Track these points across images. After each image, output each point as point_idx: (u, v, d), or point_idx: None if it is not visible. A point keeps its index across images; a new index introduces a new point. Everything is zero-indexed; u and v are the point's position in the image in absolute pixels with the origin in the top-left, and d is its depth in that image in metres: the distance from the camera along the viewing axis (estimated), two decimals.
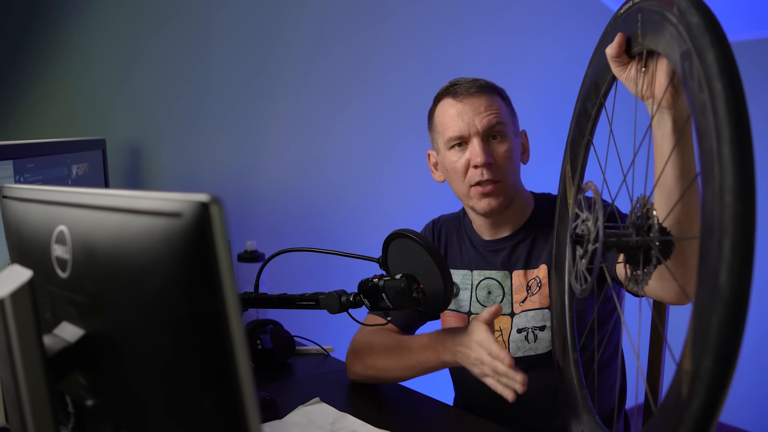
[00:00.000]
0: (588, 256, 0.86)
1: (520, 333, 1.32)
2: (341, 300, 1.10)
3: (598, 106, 1.05)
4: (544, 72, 2.76)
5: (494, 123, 1.29)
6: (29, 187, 0.76)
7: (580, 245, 0.89)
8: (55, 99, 1.75)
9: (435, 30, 2.43)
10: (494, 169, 1.29)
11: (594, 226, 0.85)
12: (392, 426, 1.16)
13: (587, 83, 1.07)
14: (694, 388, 0.64)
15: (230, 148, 2.04)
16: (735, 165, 0.62)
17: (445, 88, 1.36)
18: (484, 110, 1.29)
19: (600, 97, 1.04)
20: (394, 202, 2.37)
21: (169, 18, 1.88)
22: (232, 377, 0.49)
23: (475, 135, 1.29)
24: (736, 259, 0.61)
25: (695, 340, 0.65)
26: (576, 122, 1.12)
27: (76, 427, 0.71)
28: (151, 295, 0.55)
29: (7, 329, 0.58)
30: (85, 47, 1.77)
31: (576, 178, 1.12)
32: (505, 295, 1.35)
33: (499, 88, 1.36)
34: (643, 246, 0.81)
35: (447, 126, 1.32)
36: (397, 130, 2.36)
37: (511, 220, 1.37)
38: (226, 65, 2.00)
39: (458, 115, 1.30)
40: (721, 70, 0.66)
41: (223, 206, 0.49)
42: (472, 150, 1.29)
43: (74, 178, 1.44)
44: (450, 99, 1.33)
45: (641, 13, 0.86)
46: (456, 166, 1.32)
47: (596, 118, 1.07)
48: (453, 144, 1.32)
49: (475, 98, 1.30)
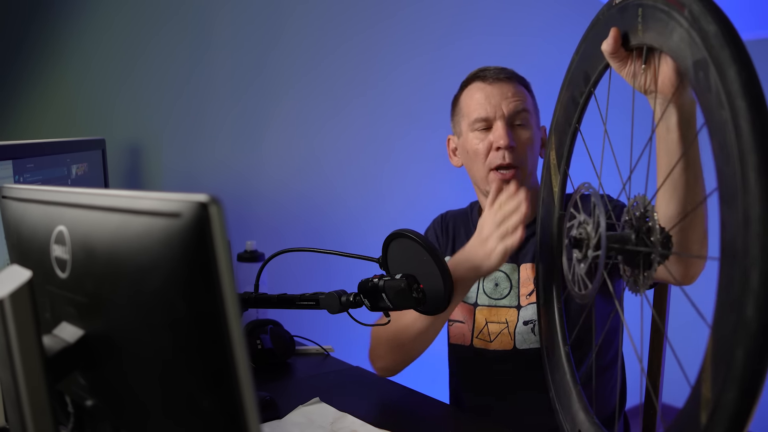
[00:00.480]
0: (588, 262, 0.86)
1: (527, 325, 1.33)
2: (341, 300, 1.10)
3: (587, 94, 1.03)
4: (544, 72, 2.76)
5: (520, 109, 1.32)
6: (29, 187, 0.76)
7: (579, 249, 0.88)
8: (55, 99, 1.75)
9: (436, 30, 2.42)
10: (515, 153, 1.31)
11: (595, 232, 0.84)
12: (392, 426, 1.16)
13: (574, 71, 1.05)
14: (716, 417, 0.63)
15: (230, 148, 2.04)
16: (763, 194, 0.61)
17: (473, 74, 1.38)
18: (512, 96, 1.32)
19: (590, 86, 1.02)
20: (395, 202, 2.36)
21: (169, 18, 1.88)
22: (231, 377, 0.49)
23: (500, 118, 1.31)
24: (764, 291, 0.60)
25: (716, 369, 0.64)
26: (562, 108, 1.10)
27: (76, 427, 0.71)
28: (150, 295, 0.55)
29: (6, 329, 0.58)
30: (85, 47, 1.77)
31: (562, 165, 1.12)
32: (512, 287, 1.35)
33: (526, 81, 1.39)
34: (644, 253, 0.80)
35: (473, 108, 1.34)
36: (397, 130, 2.36)
37: None
38: (225, 65, 2.00)
39: (485, 98, 1.32)
40: (744, 88, 0.64)
41: (223, 206, 0.49)
42: (496, 132, 1.30)
43: (74, 178, 1.44)
44: (479, 82, 1.35)
45: (642, 8, 0.84)
46: (478, 148, 1.33)
47: (584, 106, 1.05)
48: (477, 126, 1.33)
49: (503, 84, 1.33)
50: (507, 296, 1.36)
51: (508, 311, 1.35)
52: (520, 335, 1.33)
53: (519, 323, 1.34)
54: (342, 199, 2.27)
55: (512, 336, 1.34)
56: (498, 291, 1.37)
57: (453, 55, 2.47)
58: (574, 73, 1.06)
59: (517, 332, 1.34)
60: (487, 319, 1.37)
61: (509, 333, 1.34)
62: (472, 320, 1.39)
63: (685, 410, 0.69)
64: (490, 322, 1.37)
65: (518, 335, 1.34)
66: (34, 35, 1.70)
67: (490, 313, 1.37)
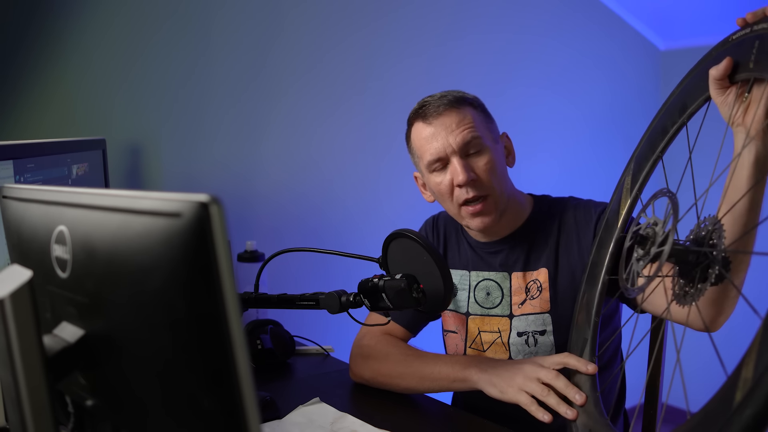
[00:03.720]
0: (649, 258, 0.86)
1: (521, 336, 1.32)
2: (341, 300, 1.10)
3: (679, 125, 1.05)
4: (544, 71, 2.76)
5: (469, 139, 1.26)
6: (29, 187, 0.76)
7: (642, 247, 0.89)
8: (55, 99, 1.75)
9: (435, 29, 2.43)
10: (478, 184, 1.26)
11: (662, 230, 0.85)
12: (392, 426, 1.16)
13: (673, 101, 1.07)
14: (752, 396, 0.63)
15: (230, 148, 2.04)
16: None
17: (414, 111, 1.32)
18: (456, 127, 1.26)
19: (684, 117, 1.04)
20: (394, 202, 2.37)
21: (169, 18, 1.88)
22: (231, 377, 0.49)
23: (452, 154, 1.26)
24: None
25: (763, 351, 0.65)
26: (648, 137, 1.12)
27: (76, 427, 0.71)
28: (150, 295, 0.55)
29: (7, 329, 0.58)
30: (85, 47, 1.77)
31: (634, 191, 1.13)
32: (504, 296, 1.35)
33: (469, 98, 1.31)
34: (704, 262, 0.82)
35: (424, 150, 1.29)
36: (396, 129, 2.35)
37: (506, 225, 1.36)
38: (225, 65, 2.00)
39: (432, 137, 1.27)
40: None
41: (223, 206, 0.49)
42: (453, 170, 1.26)
43: (74, 178, 1.44)
44: (420, 122, 1.30)
45: (760, 40, 0.86)
46: (441, 188, 1.29)
47: (673, 136, 1.07)
48: (434, 167, 1.29)
49: (444, 117, 1.27)
50: (498, 305, 1.36)
51: (500, 320, 1.35)
52: (515, 346, 1.33)
53: (512, 334, 1.33)
54: (341, 199, 2.27)
55: (506, 347, 1.34)
56: (489, 300, 1.36)
57: (452, 54, 2.47)
58: (671, 105, 1.08)
59: (511, 343, 1.33)
60: (480, 328, 1.37)
61: (503, 343, 1.34)
62: (465, 330, 1.39)
63: (717, 395, 0.70)
64: (483, 331, 1.37)
65: (512, 346, 1.33)
66: (34, 35, 1.70)
67: (483, 323, 1.37)
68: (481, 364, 1.21)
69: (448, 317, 1.42)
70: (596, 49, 2.91)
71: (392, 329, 1.42)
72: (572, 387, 1.08)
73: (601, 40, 2.94)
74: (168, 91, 1.91)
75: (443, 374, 1.25)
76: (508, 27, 2.63)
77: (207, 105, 1.98)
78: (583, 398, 1.06)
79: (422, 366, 1.28)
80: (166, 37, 1.88)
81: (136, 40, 1.84)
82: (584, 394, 1.07)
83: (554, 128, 2.82)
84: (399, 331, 1.42)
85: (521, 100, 2.68)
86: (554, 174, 2.82)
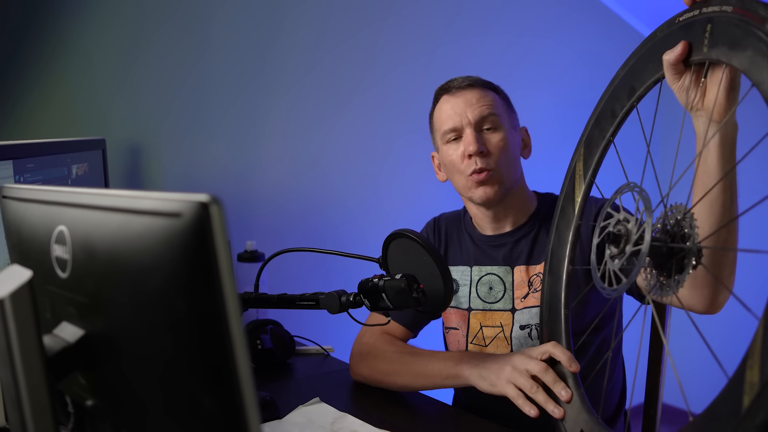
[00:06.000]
0: (625, 257, 0.86)
1: (523, 330, 1.33)
2: (341, 300, 1.10)
3: (628, 108, 1.04)
4: (544, 71, 2.76)
5: (486, 114, 1.32)
6: (29, 187, 0.76)
7: (615, 245, 0.88)
8: (54, 99, 1.75)
9: (435, 30, 2.43)
10: (488, 157, 1.31)
11: (636, 228, 0.84)
12: (392, 426, 1.16)
13: (618, 84, 1.06)
14: (761, 401, 0.63)
15: (230, 148, 2.04)
16: None
17: (440, 88, 1.40)
18: (476, 102, 1.33)
19: (633, 100, 1.03)
20: (394, 201, 2.37)
21: (169, 18, 1.88)
22: (231, 377, 0.49)
23: (467, 125, 1.32)
24: None
25: (766, 354, 0.65)
26: (596, 121, 1.11)
27: (76, 427, 0.71)
28: (150, 295, 0.55)
29: (7, 329, 0.58)
30: (85, 47, 1.77)
31: (587, 176, 1.12)
32: (506, 290, 1.36)
33: (494, 85, 1.39)
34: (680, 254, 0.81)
35: (442, 121, 1.36)
36: (396, 129, 2.36)
37: (511, 215, 1.38)
38: (225, 65, 2.00)
39: (452, 108, 1.34)
40: None
41: (223, 206, 0.49)
42: (465, 140, 1.32)
43: (74, 178, 1.44)
44: (445, 95, 1.37)
45: (712, 23, 0.85)
46: (453, 159, 1.34)
47: (623, 120, 1.06)
48: (448, 138, 1.35)
49: (467, 91, 1.34)
50: (501, 299, 1.36)
51: (502, 315, 1.35)
52: (517, 340, 1.33)
53: (515, 327, 1.33)
54: (342, 199, 2.27)
55: (509, 340, 1.34)
56: (492, 294, 1.37)
57: (452, 55, 2.47)
58: (617, 87, 1.06)
59: (513, 337, 1.34)
60: (482, 323, 1.37)
61: (505, 337, 1.34)
62: (467, 325, 1.39)
63: (721, 396, 0.69)
64: (485, 326, 1.37)
65: (515, 340, 1.33)
66: (34, 35, 1.70)
67: (485, 317, 1.37)
68: (473, 359, 1.21)
69: (449, 314, 1.42)
70: (596, 50, 2.91)
71: (392, 329, 1.42)
72: (560, 382, 1.07)
73: (601, 40, 2.94)
74: (168, 91, 1.91)
75: (436, 371, 1.25)
76: (507, 28, 2.63)
77: (207, 105, 1.98)
78: (569, 395, 1.05)
79: (417, 363, 1.29)
80: (166, 37, 1.88)
81: (136, 40, 1.84)
82: (570, 391, 1.05)
83: (554, 128, 2.82)
84: (399, 331, 1.43)
85: (521, 101, 2.67)
86: (554, 174, 2.82)
